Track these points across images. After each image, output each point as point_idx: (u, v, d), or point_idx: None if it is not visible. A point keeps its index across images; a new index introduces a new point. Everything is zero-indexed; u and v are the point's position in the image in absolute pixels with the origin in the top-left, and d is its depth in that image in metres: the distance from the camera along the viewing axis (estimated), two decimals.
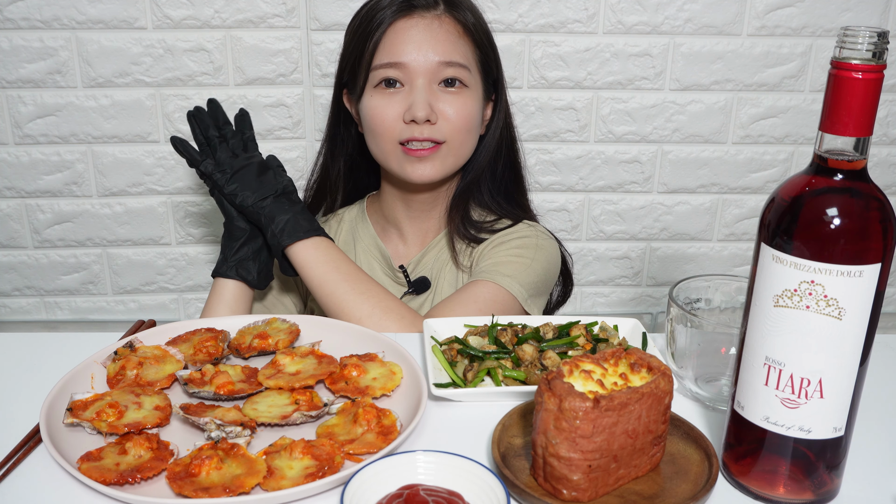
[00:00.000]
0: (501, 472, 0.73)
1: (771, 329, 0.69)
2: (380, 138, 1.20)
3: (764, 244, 0.69)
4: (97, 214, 1.71)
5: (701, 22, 1.64)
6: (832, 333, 0.67)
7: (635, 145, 1.73)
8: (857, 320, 0.66)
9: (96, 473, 0.72)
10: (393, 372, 0.90)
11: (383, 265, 1.31)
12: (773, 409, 0.70)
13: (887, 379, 0.96)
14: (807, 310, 0.66)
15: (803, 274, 0.66)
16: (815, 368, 0.68)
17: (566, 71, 1.66)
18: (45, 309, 1.79)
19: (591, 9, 1.62)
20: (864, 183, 0.66)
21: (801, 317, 0.67)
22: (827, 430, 0.70)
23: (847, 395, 0.69)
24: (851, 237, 0.65)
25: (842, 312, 0.66)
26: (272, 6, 1.59)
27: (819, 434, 0.70)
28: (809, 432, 0.69)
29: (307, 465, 0.75)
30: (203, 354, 0.94)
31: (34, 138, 1.65)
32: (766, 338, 0.69)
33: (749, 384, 0.72)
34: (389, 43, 1.17)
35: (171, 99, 1.64)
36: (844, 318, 0.66)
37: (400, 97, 1.18)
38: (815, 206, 0.66)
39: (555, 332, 0.98)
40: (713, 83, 1.69)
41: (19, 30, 1.57)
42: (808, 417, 0.69)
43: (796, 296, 0.67)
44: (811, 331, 0.67)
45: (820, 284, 0.65)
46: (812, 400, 0.69)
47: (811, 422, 0.69)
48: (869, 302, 0.66)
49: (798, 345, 0.68)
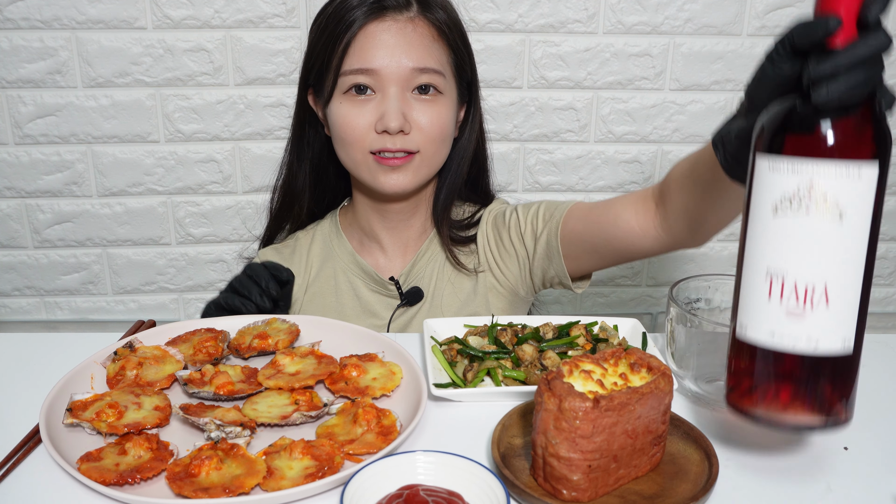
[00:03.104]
0: (501, 472, 0.73)
1: (771, 239, 0.67)
2: (350, 147, 1.14)
3: (759, 154, 0.67)
4: (97, 214, 1.71)
5: (701, 22, 1.64)
6: (833, 236, 0.65)
7: (635, 145, 1.73)
8: (858, 222, 0.65)
9: (96, 474, 0.72)
10: (393, 372, 0.90)
11: (367, 281, 1.24)
12: (778, 322, 0.68)
13: (887, 379, 0.96)
14: (806, 214, 0.65)
15: (800, 177, 0.65)
16: (819, 275, 0.66)
17: (566, 71, 1.66)
18: (45, 309, 1.79)
19: (591, 9, 1.62)
20: None
21: (800, 222, 0.65)
22: (835, 341, 0.67)
23: (853, 304, 0.67)
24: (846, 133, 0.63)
25: (842, 214, 0.64)
26: (272, 6, 1.59)
27: (827, 346, 0.67)
28: (817, 343, 0.67)
29: (307, 466, 0.75)
30: (203, 355, 0.93)
31: (34, 138, 1.65)
32: (766, 249, 0.68)
33: (752, 301, 0.69)
34: (360, 47, 1.10)
35: (171, 99, 1.64)
36: (844, 220, 0.64)
37: (371, 105, 1.12)
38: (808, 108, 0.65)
39: (555, 332, 0.98)
40: (713, 83, 1.69)
41: (19, 30, 1.57)
42: (815, 327, 0.67)
43: (795, 200, 0.65)
44: (812, 235, 0.65)
45: (817, 185, 0.64)
46: (818, 308, 0.66)
47: (818, 332, 0.67)
48: (869, 201, 0.64)
49: (799, 252, 0.66)
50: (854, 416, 0.87)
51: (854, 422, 0.86)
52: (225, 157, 1.69)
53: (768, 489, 0.75)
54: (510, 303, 1.23)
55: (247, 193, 1.73)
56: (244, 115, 1.66)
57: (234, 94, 1.64)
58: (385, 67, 1.10)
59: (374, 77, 1.11)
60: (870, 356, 1.00)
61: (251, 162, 1.70)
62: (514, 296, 1.23)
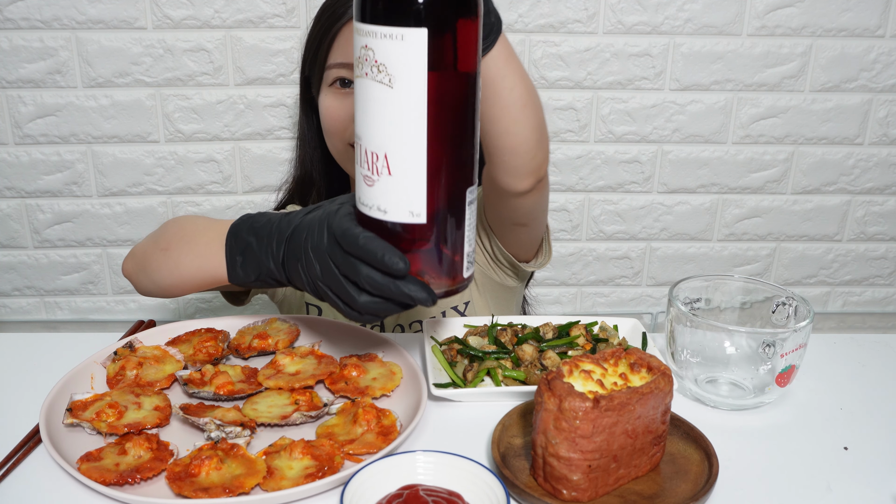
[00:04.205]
0: (501, 472, 0.73)
1: (355, 103, 0.67)
2: (332, 138, 1.18)
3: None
4: (97, 214, 1.71)
5: (701, 22, 1.64)
6: (386, 102, 0.64)
7: (635, 145, 1.73)
8: (409, 89, 0.63)
9: (96, 474, 0.72)
10: (393, 372, 0.90)
11: None
12: (361, 188, 0.68)
13: (887, 379, 0.96)
14: (366, 77, 0.64)
15: (360, 38, 0.64)
16: (379, 142, 0.65)
17: (566, 71, 1.66)
18: (45, 309, 1.79)
19: (591, 9, 1.62)
20: None
21: (364, 86, 0.65)
22: (402, 212, 0.66)
23: (417, 176, 0.65)
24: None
25: (392, 79, 0.63)
26: (272, 6, 1.59)
27: (396, 216, 0.66)
28: (386, 213, 0.67)
29: (307, 466, 0.75)
30: (203, 355, 0.93)
31: (34, 138, 1.65)
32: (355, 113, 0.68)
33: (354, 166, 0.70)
34: (345, 42, 1.13)
35: (171, 99, 1.64)
36: (395, 86, 0.63)
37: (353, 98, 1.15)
38: None
39: (555, 332, 0.98)
40: (713, 83, 1.69)
41: (19, 30, 1.57)
42: (382, 196, 0.66)
43: (359, 63, 0.65)
44: (371, 100, 0.65)
45: (371, 49, 0.63)
46: (382, 176, 0.66)
47: (385, 201, 0.66)
48: (419, 70, 0.63)
49: (365, 116, 0.66)
50: (853, 416, 0.87)
51: (854, 422, 0.86)
52: (225, 157, 1.69)
53: (768, 489, 0.75)
54: (493, 289, 1.22)
55: (247, 193, 1.73)
56: (244, 115, 1.66)
57: (234, 94, 1.64)
58: None
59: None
60: (870, 356, 1.00)
61: (251, 162, 1.70)
62: (491, 281, 1.22)
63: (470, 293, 1.21)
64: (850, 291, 1.91)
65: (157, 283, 0.96)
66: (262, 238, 0.83)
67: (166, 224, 0.98)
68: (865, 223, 1.84)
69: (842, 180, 1.80)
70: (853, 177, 1.80)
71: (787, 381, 0.87)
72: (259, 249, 0.83)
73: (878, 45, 1.68)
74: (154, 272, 0.96)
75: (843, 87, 1.71)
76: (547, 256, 1.18)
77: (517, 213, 1.06)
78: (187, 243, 0.92)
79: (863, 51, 1.68)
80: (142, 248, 1.00)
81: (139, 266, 0.99)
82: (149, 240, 1.00)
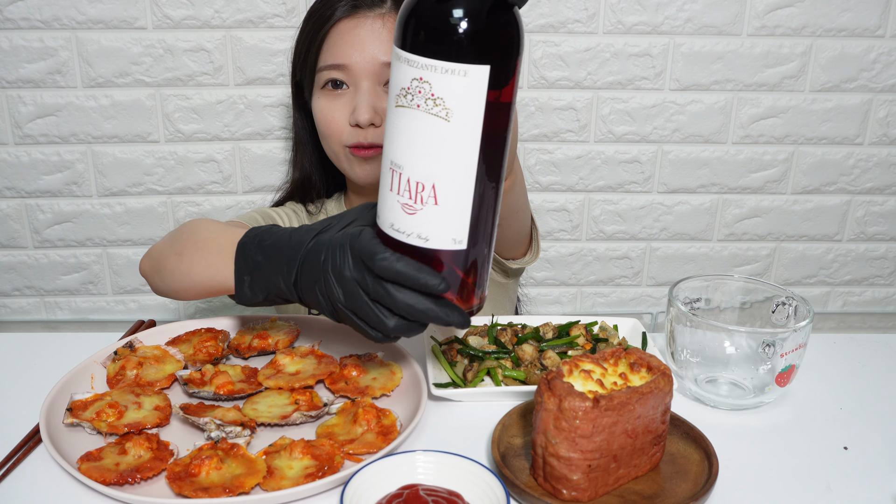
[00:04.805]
0: (501, 472, 0.73)
1: (393, 131, 0.67)
2: (328, 140, 1.19)
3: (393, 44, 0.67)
4: (97, 214, 1.71)
5: (701, 22, 1.64)
6: (441, 135, 0.64)
7: (635, 145, 1.73)
8: (466, 123, 0.64)
9: (96, 473, 0.72)
10: (393, 372, 0.90)
11: None
12: (396, 215, 0.68)
13: (887, 379, 0.96)
14: (417, 109, 0.64)
15: (414, 70, 0.64)
16: (428, 172, 0.66)
17: (566, 71, 1.66)
18: (45, 309, 1.79)
19: (591, 9, 1.62)
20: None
21: (414, 117, 0.65)
22: (445, 240, 0.67)
23: (464, 206, 0.67)
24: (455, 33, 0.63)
25: (449, 113, 0.63)
26: (272, 6, 1.59)
27: (437, 243, 0.68)
28: (427, 241, 0.68)
29: (307, 465, 0.75)
30: (203, 354, 0.94)
31: (34, 138, 1.65)
32: (390, 141, 0.68)
33: (382, 191, 0.70)
34: (333, 44, 1.15)
35: (171, 99, 1.64)
36: (452, 120, 0.64)
37: (345, 99, 1.15)
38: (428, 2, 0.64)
39: (554, 331, 0.98)
40: (713, 83, 1.69)
41: (19, 30, 1.57)
42: (425, 224, 0.67)
43: (409, 94, 0.65)
44: (422, 132, 0.65)
45: (427, 82, 0.63)
46: (427, 206, 0.66)
47: (428, 229, 0.67)
48: (478, 105, 0.64)
49: (412, 147, 0.66)
50: (853, 416, 0.87)
51: (854, 422, 0.86)
52: (225, 157, 1.69)
53: (768, 489, 0.75)
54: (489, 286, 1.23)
55: (247, 193, 1.73)
56: (244, 115, 1.66)
57: (234, 94, 1.64)
58: (356, 63, 1.13)
59: (346, 72, 1.14)
60: (870, 356, 1.00)
61: (251, 162, 1.70)
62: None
63: None
64: (850, 291, 1.91)
65: (170, 287, 0.97)
66: (271, 258, 0.82)
67: (182, 227, 0.99)
68: (865, 223, 1.84)
69: (842, 180, 1.80)
70: (853, 177, 1.80)
71: (787, 381, 0.87)
72: (269, 269, 0.82)
73: (878, 45, 1.68)
74: (167, 275, 0.96)
75: (843, 87, 1.71)
76: (535, 254, 1.19)
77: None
78: (199, 251, 0.91)
79: (863, 51, 1.68)
80: (158, 250, 1.00)
81: (154, 267, 1.00)
82: (165, 241, 1.00)
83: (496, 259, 1.17)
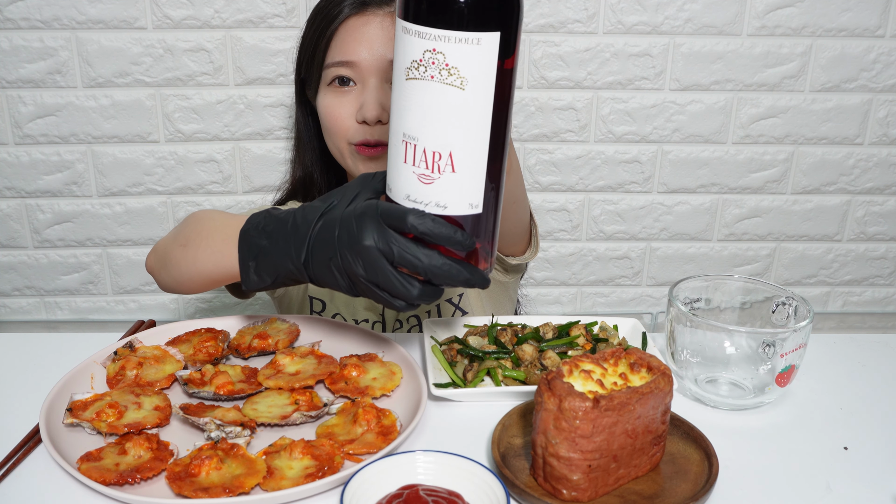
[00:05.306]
0: (501, 472, 0.73)
1: (405, 104, 0.68)
2: (334, 137, 1.18)
3: (398, 17, 0.68)
4: (97, 214, 1.71)
5: (701, 22, 1.64)
6: (457, 104, 0.66)
7: (635, 145, 1.73)
8: (481, 91, 0.66)
9: (96, 474, 0.72)
10: (393, 372, 0.90)
11: None
12: (412, 186, 0.70)
13: (887, 379, 0.96)
14: (431, 80, 0.66)
15: (426, 42, 0.65)
16: (445, 141, 0.67)
17: (566, 71, 1.66)
18: (45, 309, 1.79)
19: (591, 9, 1.62)
20: None
21: (427, 88, 0.66)
22: (463, 205, 0.69)
23: (480, 172, 0.69)
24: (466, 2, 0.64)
25: (464, 82, 0.65)
26: (272, 6, 1.59)
27: (455, 210, 0.70)
28: (445, 208, 0.69)
29: (307, 466, 0.75)
30: (203, 355, 0.93)
31: (34, 138, 1.65)
32: (401, 113, 0.69)
33: (393, 164, 0.71)
34: (341, 41, 1.15)
35: (171, 99, 1.64)
36: (467, 88, 0.65)
37: (352, 96, 1.15)
38: None
39: (554, 331, 0.98)
40: (713, 83, 1.69)
41: (19, 30, 1.57)
42: (443, 193, 0.69)
43: (422, 66, 0.66)
44: (437, 102, 0.66)
45: (441, 52, 0.65)
46: (444, 174, 0.68)
47: (446, 197, 0.69)
48: (491, 72, 0.65)
49: (426, 118, 0.67)
50: (853, 416, 0.87)
51: (854, 422, 0.86)
52: (225, 157, 1.69)
53: (768, 489, 0.75)
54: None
55: (247, 193, 1.73)
56: (244, 115, 1.66)
57: (234, 94, 1.64)
58: (364, 60, 1.13)
59: (354, 69, 1.14)
60: (870, 356, 1.00)
61: (251, 162, 1.70)
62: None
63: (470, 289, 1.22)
64: (850, 291, 1.91)
65: (176, 279, 0.97)
66: (276, 241, 0.82)
67: (187, 219, 0.99)
68: (865, 223, 1.84)
69: (842, 180, 1.80)
70: (853, 177, 1.80)
71: (787, 381, 0.87)
72: (275, 252, 0.82)
73: (878, 45, 1.68)
74: (173, 268, 0.96)
75: (843, 87, 1.71)
76: (534, 250, 1.19)
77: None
78: (204, 240, 0.92)
79: (863, 51, 1.68)
80: (163, 244, 1.01)
81: (160, 262, 1.00)
82: (170, 235, 1.01)
83: (497, 256, 1.17)
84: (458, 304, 1.21)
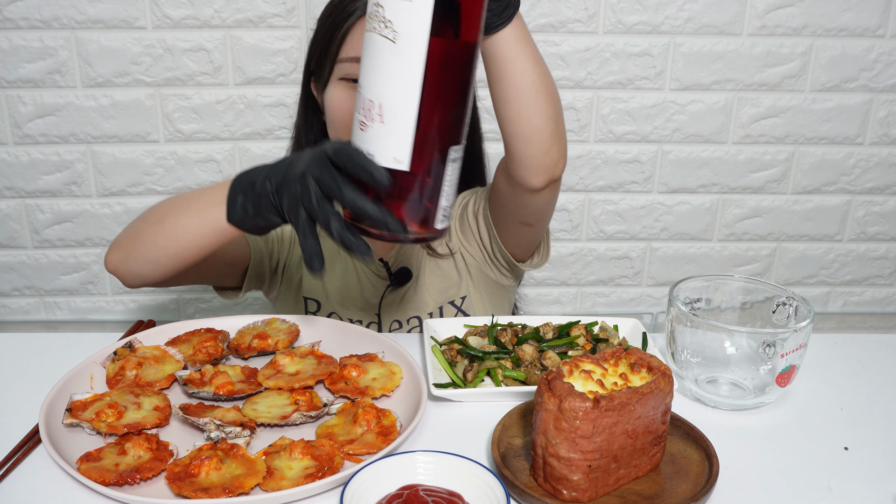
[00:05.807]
0: (501, 472, 0.73)
1: (362, 56, 0.73)
2: (339, 131, 1.18)
3: None
4: (97, 214, 1.71)
5: (701, 22, 1.64)
6: (387, 56, 0.70)
7: (635, 145, 1.73)
8: (409, 47, 0.69)
9: (96, 474, 0.72)
10: (393, 372, 0.90)
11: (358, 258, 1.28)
12: (355, 132, 0.74)
13: (888, 379, 0.95)
14: (374, 32, 0.70)
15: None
16: (376, 91, 0.71)
17: (566, 71, 1.66)
18: (45, 309, 1.79)
19: (591, 9, 1.62)
20: None
21: (371, 39, 0.71)
22: (387, 158, 0.72)
23: (406, 128, 0.71)
24: None
25: (396, 36, 0.69)
26: (272, 6, 1.59)
27: (381, 161, 0.72)
28: (373, 157, 0.72)
29: (307, 466, 0.74)
30: (202, 355, 0.93)
31: (34, 138, 1.64)
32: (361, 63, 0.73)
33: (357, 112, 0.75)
34: (357, 37, 1.14)
35: (170, 99, 1.64)
36: (398, 42, 0.69)
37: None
38: None
39: (555, 332, 0.98)
40: (713, 83, 1.69)
41: (19, 30, 1.57)
42: (371, 141, 0.72)
43: (371, 19, 0.70)
44: (374, 52, 0.70)
45: (381, 6, 0.69)
46: (375, 123, 0.72)
47: (374, 146, 0.72)
48: (422, 31, 0.68)
49: (367, 67, 0.72)
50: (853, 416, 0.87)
51: (854, 422, 0.86)
52: (225, 157, 1.69)
53: (768, 489, 0.75)
54: (488, 286, 1.23)
55: None
56: (244, 115, 1.66)
57: (234, 94, 1.64)
58: None
59: None
60: (870, 356, 1.00)
61: (251, 162, 1.70)
62: (486, 278, 1.22)
63: (467, 289, 1.22)
64: (850, 291, 1.91)
65: (152, 259, 0.96)
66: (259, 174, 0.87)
67: (151, 207, 0.99)
68: (866, 223, 1.84)
69: (842, 180, 1.80)
70: (853, 177, 1.79)
71: (788, 381, 0.87)
72: (258, 187, 0.87)
73: (878, 45, 1.68)
74: (150, 248, 0.95)
75: (843, 86, 1.71)
76: (544, 257, 1.18)
77: (526, 212, 1.07)
78: (184, 206, 0.93)
79: (863, 51, 1.68)
80: (129, 233, 0.99)
81: (128, 251, 0.98)
82: (134, 224, 1.00)
83: (506, 260, 1.17)
84: (461, 307, 1.20)
